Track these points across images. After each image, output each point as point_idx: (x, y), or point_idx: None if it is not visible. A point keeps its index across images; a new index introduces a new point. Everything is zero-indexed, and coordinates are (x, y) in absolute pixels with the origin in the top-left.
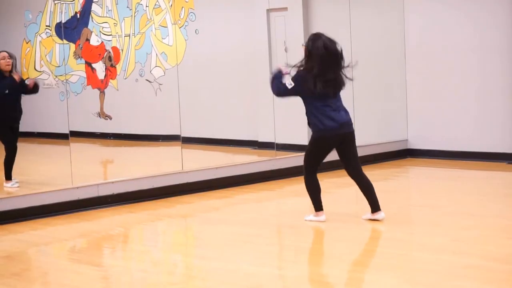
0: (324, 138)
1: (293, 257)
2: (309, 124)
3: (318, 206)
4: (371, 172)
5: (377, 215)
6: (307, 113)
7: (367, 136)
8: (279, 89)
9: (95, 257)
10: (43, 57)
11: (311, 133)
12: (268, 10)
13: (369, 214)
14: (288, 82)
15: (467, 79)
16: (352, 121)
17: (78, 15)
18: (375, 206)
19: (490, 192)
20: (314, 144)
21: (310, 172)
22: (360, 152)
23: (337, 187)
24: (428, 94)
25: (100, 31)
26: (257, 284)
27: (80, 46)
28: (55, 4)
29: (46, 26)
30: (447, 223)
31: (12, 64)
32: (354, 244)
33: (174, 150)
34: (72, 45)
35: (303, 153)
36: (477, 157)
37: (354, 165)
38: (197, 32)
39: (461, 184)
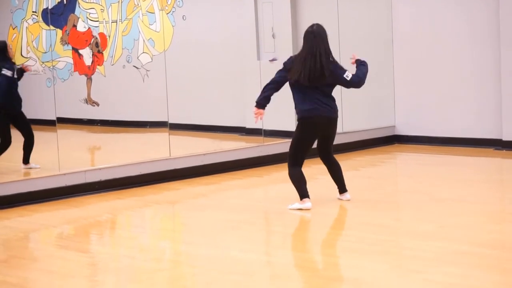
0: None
1: (280, 243)
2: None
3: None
4: (358, 158)
5: (344, 196)
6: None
7: (354, 122)
8: (364, 75)
9: (83, 244)
10: (29, 43)
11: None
12: None
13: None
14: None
15: (455, 66)
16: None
17: (64, 1)
18: (343, 187)
19: (477, 178)
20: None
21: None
22: (348, 139)
23: (325, 173)
24: (416, 80)
25: (87, 17)
26: (245, 270)
27: (67, 32)
28: None
29: (33, 12)
30: (434, 209)
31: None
32: (341, 231)
33: (161, 136)
34: (59, 31)
35: (291, 139)
36: (464, 143)
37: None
38: (184, 18)
39: (448, 170)
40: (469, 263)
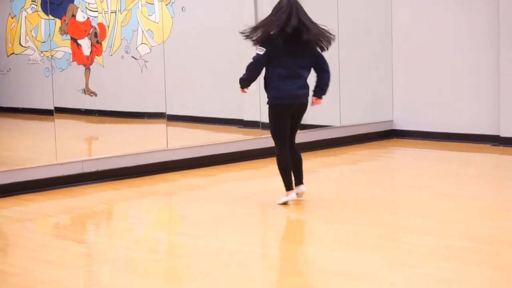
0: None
1: (276, 236)
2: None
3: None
4: (356, 153)
5: (299, 189)
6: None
7: (352, 116)
8: (252, 64)
9: (79, 234)
10: (28, 33)
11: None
12: None
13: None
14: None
15: (453, 61)
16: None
17: None
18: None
19: (474, 174)
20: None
21: (281, 147)
22: (346, 132)
23: (322, 166)
24: (414, 75)
25: (86, 7)
26: (241, 262)
27: (66, 22)
28: None
29: (32, 1)
30: (431, 204)
31: None
32: (338, 224)
33: (159, 127)
34: (58, 21)
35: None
36: (462, 138)
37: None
38: (183, 10)
39: (445, 165)
40: (465, 258)
